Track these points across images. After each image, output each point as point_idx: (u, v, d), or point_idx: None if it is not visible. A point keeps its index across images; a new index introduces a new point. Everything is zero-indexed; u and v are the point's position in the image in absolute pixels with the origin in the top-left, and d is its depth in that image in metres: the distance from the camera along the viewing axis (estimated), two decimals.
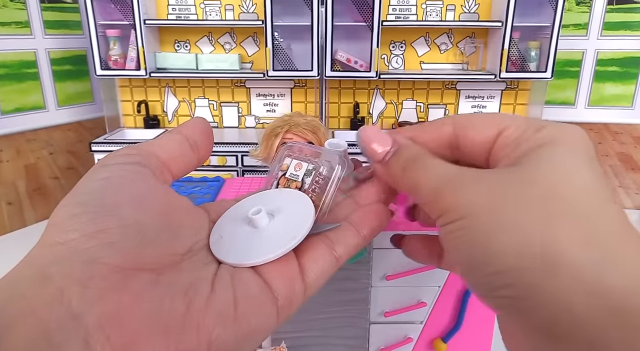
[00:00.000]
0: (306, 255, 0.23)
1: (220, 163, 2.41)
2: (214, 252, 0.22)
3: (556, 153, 0.21)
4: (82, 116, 2.88)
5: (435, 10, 2.55)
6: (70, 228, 0.18)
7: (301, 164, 0.27)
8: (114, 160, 0.22)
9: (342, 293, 0.76)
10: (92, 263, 0.18)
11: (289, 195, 0.25)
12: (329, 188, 0.26)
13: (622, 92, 2.80)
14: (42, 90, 2.66)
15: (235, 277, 0.20)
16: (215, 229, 0.23)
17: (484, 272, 0.19)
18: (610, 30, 2.70)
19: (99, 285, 0.17)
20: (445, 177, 0.22)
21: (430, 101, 2.73)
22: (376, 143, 0.25)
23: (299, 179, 0.26)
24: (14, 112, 2.54)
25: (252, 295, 0.20)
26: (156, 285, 0.18)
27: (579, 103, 2.86)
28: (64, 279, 0.17)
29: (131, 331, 0.17)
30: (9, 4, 2.44)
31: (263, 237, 0.22)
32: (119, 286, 0.17)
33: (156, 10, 2.55)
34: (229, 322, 0.19)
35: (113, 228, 0.19)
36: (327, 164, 0.27)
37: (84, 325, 0.16)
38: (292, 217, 0.23)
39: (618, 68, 2.76)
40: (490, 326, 0.80)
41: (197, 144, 0.24)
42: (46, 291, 0.17)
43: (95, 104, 2.91)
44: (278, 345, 0.79)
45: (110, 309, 0.17)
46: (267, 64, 2.41)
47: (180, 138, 0.24)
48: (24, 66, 2.56)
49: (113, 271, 0.18)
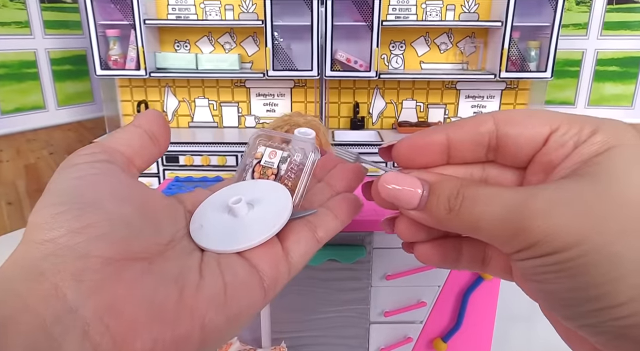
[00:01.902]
0: (289, 238, 0.23)
1: (220, 163, 2.41)
2: (197, 240, 0.22)
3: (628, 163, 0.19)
4: (82, 116, 2.88)
5: (435, 10, 2.55)
6: (56, 226, 0.19)
7: (275, 152, 0.28)
8: (80, 159, 0.22)
9: (342, 293, 0.76)
10: (83, 257, 0.18)
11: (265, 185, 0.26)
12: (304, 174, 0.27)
13: (622, 92, 2.80)
14: (42, 90, 2.66)
15: (221, 263, 0.21)
16: (195, 219, 0.23)
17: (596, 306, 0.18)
18: (610, 30, 2.70)
19: (92, 278, 0.18)
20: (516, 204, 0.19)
21: (430, 101, 2.73)
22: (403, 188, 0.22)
23: (275, 166, 0.27)
24: (14, 112, 2.54)
25: (240, 279, 0.21)
26: (148, 274, 0.19)
27: (579, 103, 2.86)
28: (58, 274, 0.17)
29: (129, 320, 0.17)
30: (8, 4, 2.44)
31: (245, 224, 0.23)
32: (113, 277, 0.18)
33: (156, 10, 2.55)
34: (220, 305, 0.19)
35: (99, 222, 0.19)
36: (300, 151, 0.28)
37: (82, 317, 0.17)
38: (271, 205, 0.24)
39: (618, 68, 2.76)
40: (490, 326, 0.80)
41: (156, 136, 0.25)
42: (40, 286, 0.17)
43: (95, 104, 2.91)
44: (278, 345, 0.79)
45: (107, 300, 0.17)
46: (267, 63, 2.41)
47: (140, 132, 0.24)
48: (24, 66, 2.56)
49: (105, 264, 0.18)
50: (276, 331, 0.79)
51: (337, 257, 0.73)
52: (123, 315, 0.17)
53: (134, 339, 0.17)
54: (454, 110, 2.74)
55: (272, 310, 0.77)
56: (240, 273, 0.21)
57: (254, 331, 0.84)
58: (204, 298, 0.19)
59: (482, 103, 2.73)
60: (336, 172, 0.29)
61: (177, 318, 0.18)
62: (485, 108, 2.73)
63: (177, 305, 0.19)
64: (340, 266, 0.74)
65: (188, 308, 0.19)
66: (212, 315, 0.19)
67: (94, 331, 0.17)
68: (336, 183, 0.28)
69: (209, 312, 0.19)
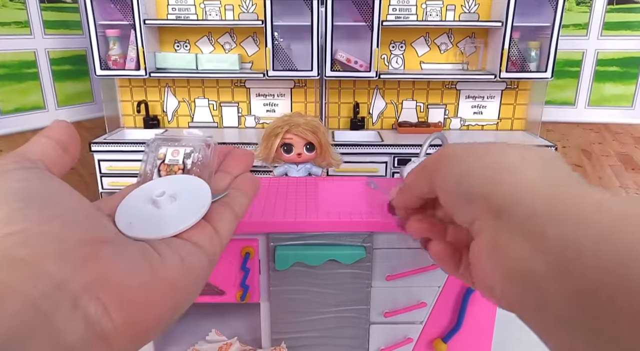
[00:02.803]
0: (214, 218, 0.27)
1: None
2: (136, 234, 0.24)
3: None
4: (82, 116, 2.88)
5: (435, 10, 2.55)
6: (21, 219, 0.19)
7: (178, 150, 0.31)
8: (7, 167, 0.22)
9: (342, 293, 0.76)
10: (60, 241, 0.19)
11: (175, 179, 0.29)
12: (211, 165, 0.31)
13: (622, 92, 2.80)
14: (42, 90, 2.65)
15: (170, 244, 0.24)
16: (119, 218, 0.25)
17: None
18: (610, 30, 2.70)
19: (74, 258, 0.19)
20: None
21: (430, 101, 2.73)
22: None
23: (180, 162, 0.30)
24: (14, 112, 2.54)
25: (190, 253, 0.24)
26: (119, 254, 0.21)
27: (579, 103, 2.86)
28: (39, 258, 0.18)
29: (115, 290, 0.19)
30: (8, 4, 2.44)
31: (174, 212, 0.26)
32: (92, 256, 0.19)
33: (156, 10, 2.55)
34: (183, 273, 0.23)
35: (64, 213, 0.20)
36: (200, 147, 0.31)
37: (71, 290, 0.18)
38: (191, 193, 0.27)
39: (618, 68, 2.76)
40: (490, 327, 0.80)
41: (67, 146, 0.26)
42: (22, 271, 0.17)
43: (95, 104, 2.90)
44: (278, 345, 0.79)
45: (92, 274, 0.19)
46: (267, 64, 2.41)
47: (51, 143, 0.26)
48: (24, 66, 2.56)
49: (83, 245, 0.20)
50: (276, 332, 0.78)
51: (337, 257, 0.73)
52: (110, 285, 0.19)
53: (120, 306, 0.19)
54: (454, 110, 2.74)
55: (272, 310, 0.77)
56: (187, 247, 0.25)
57: (254, 332, 0.84)
58: (170, 268, 0.23)
59: (482, 104, 2.73)
60: (229, 160, 0.34)
61: (154, 286, 0.21)
62: (486, 108, 2.73)
63: (152, 275, 0.21)
64: (340, 266, 0.74)
65: (161, 277, 0.22)
66: (179, 281, 0.23)
67: (85, 302, 0.18)
68: (233, 169, 0.33)
69: (176, 279, 0.23)
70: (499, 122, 2.75)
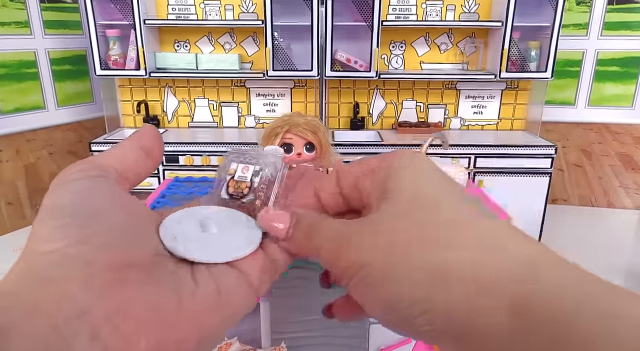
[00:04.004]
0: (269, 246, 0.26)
1: (220, 164, 2.41)
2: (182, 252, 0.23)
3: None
4: (82, 116, 2.88)
5: (435, 10, 2.55)
6: (59, 237, 0.19)
7: (248, 167, 0.30)
8: (73, 176, 0.23)
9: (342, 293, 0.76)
10: (89, 265, 0.19)
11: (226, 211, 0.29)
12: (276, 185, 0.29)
13: (622, 92, 2.80)
14: (41, 90, 2.66)
15: (212, 271, 0.23)
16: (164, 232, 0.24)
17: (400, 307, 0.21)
18: (610, 30, 2.70)
19: (99, 283, 0.19)
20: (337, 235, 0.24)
21: (430, 101, 2.73)
22: (276, 222, 0.26)
23: (248, 180, 0.30)
24: (14, 112, 2.54)
25: (232, 282, 0.23)
26: (148, 281, 0.20)
27: (579, 103, 2.86)
28: (65, 280, 0.18)
29: (136, 321, 0.19)
30: (8, 4, 2.44)
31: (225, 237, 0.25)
32: (117, 283, 0.19)
33: (156, 10, 2.55)
34: (216, 307, 0.22)
35: (101, 232, 0.20)
36: (271, 165, 0.30)
37: (92, 318, 0.18)
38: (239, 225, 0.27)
39: (618, 68, 2.76)
40: None
41: (150, 150, 0.26)
42: (50, 291, 0.18)
43: (95, 104, 2.91)
44: (278, 345, 0.79)
45: (115, 303, 0.18)
46: (267, 63, 2.41)
47: (134, 147, 0.26)
48: (24, 66, 2.56)
49: (108, 270, 0.19)
50: (276, 332, 0.78)
51: None
52: (131, 316, 0.19)
53: (139, 339, 0.19)
54: (454, 110, 2.74)
55: (272, 310, 0.77)
56: (231, 277, 0.23)
57: (254, 332, 0.84)
58: (200, 301, 0.21)
59: (482, 104, 2.73)
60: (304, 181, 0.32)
61: (178, 321, 0.20)
62: (486, 108, 2.73)
63: (178, 309, 0.20)
64: None
65: (187, 311, 0.20)
66: (209, 316, 0.21)
67: (104, 331, 0.18)
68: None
69: (206, 314, 0.21)
70: (499, 122, 2.75)
